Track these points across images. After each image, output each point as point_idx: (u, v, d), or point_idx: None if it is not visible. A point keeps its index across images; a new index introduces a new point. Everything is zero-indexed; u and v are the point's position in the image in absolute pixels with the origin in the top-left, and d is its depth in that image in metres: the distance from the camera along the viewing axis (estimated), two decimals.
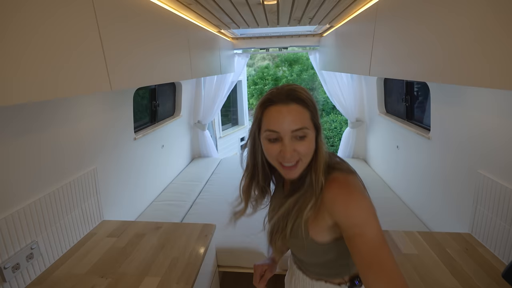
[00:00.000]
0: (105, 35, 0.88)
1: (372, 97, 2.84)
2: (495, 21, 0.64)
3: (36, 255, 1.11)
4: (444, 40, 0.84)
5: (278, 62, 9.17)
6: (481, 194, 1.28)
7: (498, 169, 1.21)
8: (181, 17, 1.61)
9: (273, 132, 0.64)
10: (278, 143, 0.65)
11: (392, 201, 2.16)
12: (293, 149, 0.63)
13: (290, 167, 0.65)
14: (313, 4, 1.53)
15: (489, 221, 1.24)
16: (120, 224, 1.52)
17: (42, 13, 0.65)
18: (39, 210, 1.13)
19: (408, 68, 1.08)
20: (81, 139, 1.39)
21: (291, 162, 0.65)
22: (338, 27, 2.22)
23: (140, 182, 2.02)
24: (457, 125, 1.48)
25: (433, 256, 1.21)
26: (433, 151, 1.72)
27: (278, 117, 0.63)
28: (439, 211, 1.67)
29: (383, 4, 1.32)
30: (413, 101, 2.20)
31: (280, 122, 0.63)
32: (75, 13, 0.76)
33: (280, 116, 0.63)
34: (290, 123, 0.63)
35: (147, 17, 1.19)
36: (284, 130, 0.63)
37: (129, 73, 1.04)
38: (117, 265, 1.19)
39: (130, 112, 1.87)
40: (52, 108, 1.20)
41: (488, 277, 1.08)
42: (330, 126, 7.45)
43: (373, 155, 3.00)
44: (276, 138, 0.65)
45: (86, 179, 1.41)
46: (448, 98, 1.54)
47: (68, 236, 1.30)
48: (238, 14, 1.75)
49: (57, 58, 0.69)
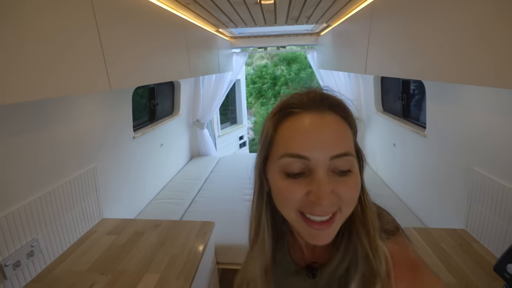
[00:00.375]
0: (104, 35, 0.89)
1: (369, 96, 2.85)
2: (491, 19, 0.66)
3: (36, 253, 1.12)
4: (439, 38, 0.85)
5: (276, 61, 9.19)
6: (475, 191, 1.30)
7: (492, 166, 1.23)
8: (180, 16, 1.62)
9: (297, 158, 0.38)
10: (304, 179, 0.38)
11: (389, 198, 2.18)
12: (331, 190, 0.37)
13: (322, 223, 0.38)
14: (310, 3, 1.54)
15: (484, 217, 1.26)
16: (119, 222, 1.53)
17: (40, 12, 0.66)
18: (40, 208, 1.14)
19: (403, 66, 1.09)
20: (80, 138, 1.40)
21: (327, 213, 0.38)
22: (335, 26, 2.24)
23: (140, 180, 2.03)
24: (452, 123, 1.50)
25: (428, 251, 1.23)
26: (429, 149, 1.74)
27: (310, 132, 0.38)
28: (435, 207, 1.69)
29: (378, 4, 1.34)
30: (409, 99, 2.21)
31: (311, 139, 0.37)
32: (73, 12, 0.77)
33: (314, 131, 0.38)
34: (329, 144, 0.37)
35: (146, 17, 1.20)
36: (318, 156, 0.37)
37: (128, 72, 1.05)
38: (117, 262, 1.20)
39: (129, 111, 1.88)
40: (52, 107, 1.20)
41: (483, 272, 1.10)
42: None
43: (371, 153, 3.03)
44: (301, 172, 0.38)
45: (86, 177, 1.42)
46: (443, 96, 1.56)
47: (68, 234, 1.31)
48: (236, 13, 1.76)
49: (55, 57, 0.70)
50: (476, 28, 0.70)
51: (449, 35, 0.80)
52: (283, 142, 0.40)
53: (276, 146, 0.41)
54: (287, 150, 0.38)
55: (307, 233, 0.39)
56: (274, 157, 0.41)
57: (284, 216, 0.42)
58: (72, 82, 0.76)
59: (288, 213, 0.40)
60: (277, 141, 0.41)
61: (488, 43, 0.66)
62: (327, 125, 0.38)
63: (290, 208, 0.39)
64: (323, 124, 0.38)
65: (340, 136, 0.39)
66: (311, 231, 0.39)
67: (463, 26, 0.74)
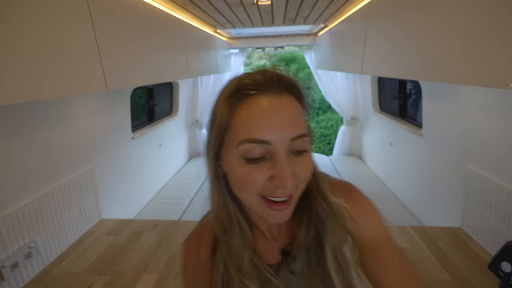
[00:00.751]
0: (100, 36, 0.89)
1: (366, 96, 2.87)
2: (484, 21, 0.67)
3: (34, 254, 1.12)
4: (433, 39, 0.87)
5: (275, 61, 9.19)
6: (471, 189, 1.32)
7: (487, 164, 1.24)
8: (177, 17, 1.62)
9: (258, 143, 0.36)
10: (265, 163, 0.37)
11: (386, 196, 2.20)
12: (291, 171, 0.37)
13: (282, 203, 0.39)
14: (307, 4, 1.55)
15: (479, 215, 1.27)
16: (118, 222, 1.53)
17: (36, 12, 0.66)
18: (37, 209, 1.14)
19: (399, 66, 1.10)
20: (78, 139, 1.40)
21: (289, 194, 0.39)
22: (332, 27, 2.25)
23: (138, 181, 2.03)
24: (448, 122, 1.51)
25: (425, 250, 1.24)
26: (425, 148, 1.75)
27: (269, 115, 0.37)
28: (431, 206, 1.70)
29: (374, 5, 1.35)
30: (406, 99, 2.23)
31: (272, 123, 0.36)
32: (69, 13, 0.77)
33: (274, 113, 0.37)
34: (288, 126, 0.37)
35: (143, 17, 1.20)
36: (278, 139, 0.36)
37: (125, 73, 1.05)
38: (115, 262, 1.20)
39: (128, 111, 1.88)
40: (49, 108, 1.20)
41: (478, 270, 1.11)
42: (327, 124, 7.48)
43: (368, 152, 3.04)
44: (262, 157, 0.37)
45: (84, 178, 1.42)
46: (439, 96, 1.57)
47: (66, 235, 1.31)
48: (233, 14, 1.76)
49: (51, 57, 0.71)
50: (469, 29, 0.71)
51: (444, 36, 0.81)
52: (242, 127, 0.37)
53: (233, 131, 0.38)
54: (248, 136, 0.36)
55: (268, 214, 0.39)
56: (232, 144, 0.38)
57: (243, 201, 0.42)
58: (68, 83, 0.76)
59: (249, 198, 0.40)
60: (233, 126, 0.38)
61: (481, 44, 0.67)
62: (285, 107, 0.38)
63: (251, 193, 0.39)
64: (282, 106, 0.38)
65: (297, 117, 0.39)
66: (272, 212, 0.39)
67: (457, 28, 0.75)
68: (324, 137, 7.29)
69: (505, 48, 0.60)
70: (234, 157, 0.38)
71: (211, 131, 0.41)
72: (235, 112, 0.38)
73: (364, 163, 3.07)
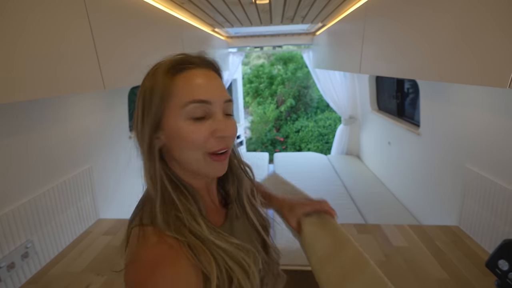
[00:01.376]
0: (97, 34, 0.88)
1: (364, 95, 2.87)
2: (478, 21, 0.67)
3: (31, 254, 1.11)
4: (429, 38, 0.87)
5: (273, 60, 9.18)
6: (468, 188, 1.32)
7: (484, 163, 1.24)
8: (175, 16, 1.62)
9: (202, 103, 0.44)
10: (205, 121, 0.45)
11: (384, 195, 2.20)
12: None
13: (224, 154, 0.48)
14: (305, 3, 1.55)
15: (476, 214, 1.28)
16: (116, 222, 1.52)
17: (33, 11, 0.66)
18: (34, 209, 1.13)
19: (397, 66, 1.11)
20: (75, 138, 1.39)
21: (229, 146, 0.48)
22: (330, 26, 2.25)
23: (136, 180, 2.01)
24: (445, 121, 1.52)
25: (422, 248, 1.24)
26: (423, 147, 1.76)
27: (207, 82, 0.46)
28: (429, 204, 1.71)
29: (372, 4, 1.35)
30: (404, 98, 2.23)
31: (210, 88, 0.46)
32: (66, 11, 0.76)
33: (209, 81, 0.47)
34: (221, 91, 0.47)
35: (140, 16, 1.20)
36: (216, 99, 0.46)
37: (123, 72, 1.04)
38: (113, 263, 1.20)
39: (125, 110, 1.87)
40: (46, 107, 1.20)
41: (475, 268, 1.11)
42: (325, 123, 7.49)
43: (366, 151, 3.05)
44: (203, 116, 0.45)
45: (81, 177, 1.41)
46: (436, 95, 1.58)
47: (64, 235, 1.30)
48: (231, 13, 1.76)
49: (48, 56, 0.70)
50: (466, 28, 0.71)
51: (441, 35, 0.81)
52: (185, 92, 0.44)
53: (177, 97, 0.44)
54: (192, 98, 0.44)
55: (211, 167, 0.47)
56: (176, 108, 0.44)
57: (187, 160, 0.47)
58: (65, 82, 0.76)
59: (194, 155, 0.46)
60: (176, 92, 0.44)
61: (478, 43, 0.67)
62: (215, 78, 0.48)
63: (197, 149, 0.45)
64: (213, 77, 0.48)
65: (224, 87, 0.49)
66: (215, 165, 0.47)
67: (454, 27, 0.75)
68: (322, 136, 7.30)
69: (502, 46, 0.60)
70: (180, 118, 0.44)
71: (149, 104, 0.45)
72: (176, 81, 0.45)
73: (362, 162, 3.08)
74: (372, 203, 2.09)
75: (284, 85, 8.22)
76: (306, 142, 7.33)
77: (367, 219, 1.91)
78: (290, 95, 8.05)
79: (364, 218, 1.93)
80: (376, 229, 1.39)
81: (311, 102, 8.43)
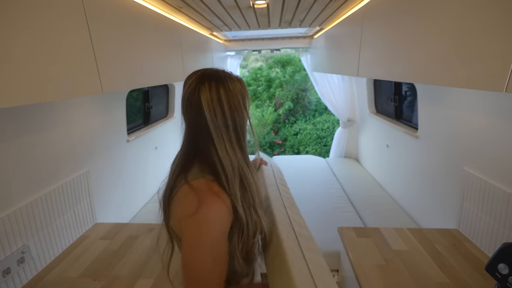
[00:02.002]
0: (96, 39, 0.88)
1: (362, 98, 2.88)
2: (475, 25, 0.67)
3: (27, 259, 1.10)
4: (426, 42, 0.87)
5: (271, 63, 9.21)
6: (467, 191, 1.32)
7: (483, 166, 1.25)
8: (173, 20, 1.62)
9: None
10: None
11: (383, 198, 2.20)
12: None
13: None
14: (302, 7, 1.56)
15: (476, 217, 1.28)
16: (113, 226, 1.51)
17: (31, 14, 0.65)
18: (31, 213, 1.12)
19: (394, 69, 1.11)
20: (72, 142, 1.38)
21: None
22: (328, 30, 2.26)
23: (134, 184, 2.01)
24: (443, 124, 1.52)
25: (422, 252, 1.24)
26: (421, 150, 1.76)
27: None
28: (428, 208, 1.71)
29: (369, 8, 1.36)
30: (401, 101, 2.24)
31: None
32: (65, 16, 0.76)
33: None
34: None
35: (139, 20, 1.20)
36: None
37: (121, 75, 1.04)
38: (110, 267, 1.18)
39: (123, 114, 1.87)
40: (43, 110, 1.19)
41: (475, 271, 1.11)
42: (323, 126, 7.50)
43: (364, 154, 3.05)
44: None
45: (79, 181, 1.40)
46: (434, 97, 1.58)
47: (60, 240, 1.29)
48: (230, 17, 1.77)
49: (46, 61, 0.70)
50: (463, 32, 0.71)
51: (438, 39, 0.82)
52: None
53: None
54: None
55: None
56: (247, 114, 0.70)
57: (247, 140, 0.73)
58: (63, 86, 0.75)
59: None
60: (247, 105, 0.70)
61: (475, 47, 0.67)
62: None
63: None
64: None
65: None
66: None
67: (451, 31, 0.76)
68: (321, 139, 7.31)
69: (498, 50, 0.61)
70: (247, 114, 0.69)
71: (246, 101, 0.69)
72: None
73: (360, 165, 3.08)
74: (371, 206, 2.08)
75: (282, 88, 8.23)
76: (305, 145, 7.34)
77: (366, 222, 1.90)
78: (288, 98, 8.07)
79: (363, 221, 1.92)
80: (375, 232, 1.39)
81: (309, 104, 8.44)
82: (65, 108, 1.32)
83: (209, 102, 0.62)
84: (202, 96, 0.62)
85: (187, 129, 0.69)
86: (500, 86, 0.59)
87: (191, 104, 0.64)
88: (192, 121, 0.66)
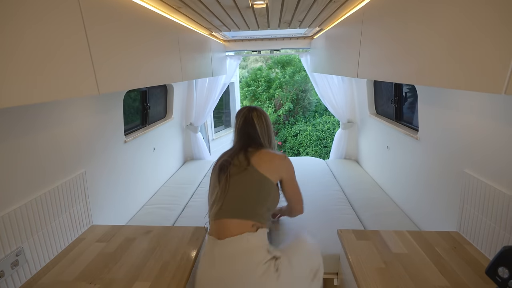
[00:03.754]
0: (92, 38, 0.87)
1: (362, 99, 2.87)
2: (473, 27, 0.66)
3: (21, 262, 1.08)
4: (426, 44, 0.86)
5: (271, 64, 9.21)
6: (468, 193, 1.31)
7: (483, 168, 1.23)
8: (171, 20, 1.61)
9: None
10: None
11: (383, 201, 2.19)
12: None
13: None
14: (302, 7, 1.55)
15: (476, 219, 1.26)
16: (109, 228, 1.49)
17: (26, 14, 0.64)
18: (25, 215, 1.11)
19: (394, 70, 1.10)
20: (68, 143, 1.37)
21: None
22: (328, 30, 2.25)
23: (131, 185, 2.00)
24: (444, 126, 1.51)
25: (422, 255, 1.23)
26: (422, 152, 1.75)
27: None
28: (428, 210, 1.69)
29: (369, 8, 1.35)
30: (402, 102, 2.23)
31: None
32: (61, 16, 0.75)
33: None
34: None
35: (136, 20, 1.18)
36: None
37: (118, 76, 1.03)
38: (106, 270, 1.17)
39: (121, 114, 1.85)
40: (38, 110, 1.17)
41: (476, 275, 1.10)
42: (323, 127, 7.49)
43: (365, 156, 3.04)
44: None
45: (75, 183, 1.39)
46: (435, 99, 1.57)
47: (56, 242, 1.27)
48: (229, 17, 1.75)
49: (41, 61, 0.68)
50: (462, 34, 0.70)
51: (437, 40, 0.81)
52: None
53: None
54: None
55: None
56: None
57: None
58: (59, 87, 0.74)
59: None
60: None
61: (474, 49, 0.66)
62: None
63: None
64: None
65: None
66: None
67: (449, 32, 0.75)
68: (321, 140, 7.30)
69: (497, 52, 0.59)
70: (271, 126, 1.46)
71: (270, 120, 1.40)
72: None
73: (361, 167, 3.07)
74: (371, 208, 2.06)
75: (282, 88, 8.22)
76: (305, 146, 7.32)
77: (366, 224, 1.89)
78: (288, 98, 8.06)
79: (363, 223, 1.91)
80: (375, 235, 1.37)
81: (309, 105, 8.44)
82: (60, 109, 1.31)
83: (258, 120, 1.34)
84: (254, 118, 1.34)
85: (243, 136, 1.35)
86: (499, 88, 0.58)
87: (248, 122, 1.34)
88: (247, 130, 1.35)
